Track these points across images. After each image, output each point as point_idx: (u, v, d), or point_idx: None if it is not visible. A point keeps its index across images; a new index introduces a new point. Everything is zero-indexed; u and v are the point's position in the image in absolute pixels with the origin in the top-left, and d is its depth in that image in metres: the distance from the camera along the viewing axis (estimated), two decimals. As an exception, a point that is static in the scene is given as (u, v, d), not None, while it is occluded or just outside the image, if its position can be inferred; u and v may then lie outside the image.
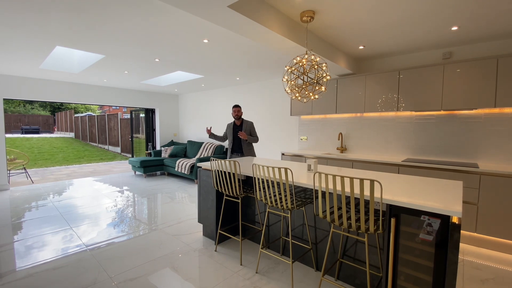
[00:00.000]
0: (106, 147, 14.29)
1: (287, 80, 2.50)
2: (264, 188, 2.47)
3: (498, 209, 2.69)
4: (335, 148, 4.47)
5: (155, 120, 7.80)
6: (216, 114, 6.85)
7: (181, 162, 5.98)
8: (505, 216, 2.65)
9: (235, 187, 2.41)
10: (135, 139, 8.39)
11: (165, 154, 6.98)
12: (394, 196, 1.64)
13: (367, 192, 1.67)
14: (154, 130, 7.83)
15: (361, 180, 1.56)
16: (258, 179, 2.18)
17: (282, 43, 2.62)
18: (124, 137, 11.91)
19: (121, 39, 3.11)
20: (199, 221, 3.05)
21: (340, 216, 1.82)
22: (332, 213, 1.94)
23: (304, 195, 2.38)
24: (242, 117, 4.33)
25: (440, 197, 1.63)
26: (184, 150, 7.09)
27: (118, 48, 3.46)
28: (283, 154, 4.45)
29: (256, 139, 3.74)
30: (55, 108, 25.93)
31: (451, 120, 3.40)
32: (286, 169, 1.93)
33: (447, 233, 1.44)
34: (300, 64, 2.41)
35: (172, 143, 7.56)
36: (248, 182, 2.85)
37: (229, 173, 2.51)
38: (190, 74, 5.08)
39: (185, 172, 5.79)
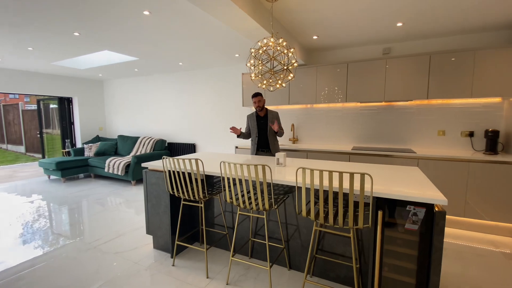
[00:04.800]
0: (3, 146, 11.32)
1: (252, 65, 2.22)
2: (230, 187, 2.18)
3: (432, 188, 3.07)
4: (288, 139, 4.45)
5: (73, 112, 6.43)
6: (153, 104, 6.05)
7: (113, 162, 5.06)
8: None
9: (197, 189, 2.04)
10: (46, 135, 6.75)
11: (89, 153, 5.83)
12: (380, 188, 1.59)
13: (356, 187, 1.57)
14: (72, 123, 6.44)
15: (351, 174, 1.44)
16: (228, 178, 1.88)
17: (243, 22, 2.31)
18: (30, 133, 9.56)
19: (21, -1, 2.26)
20: (148, 232, 2.55)
21: (318, 212, 1.69)
22: (310, 210, 1.81)
23: (277, 192, 2.19)
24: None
25: (414, 185, 1.66)
26: (114, 146, 6.07)
27: (12, 12, 2.54)
28: (236, 147, 4.19)
29: (283, 133, 3.12)
30: None
31: (390, 111, 3.73)
32: (263, 166, 1.69)
33: (432, 221, 1.46)
34: (265, 48, 2.17)
35: (97, 139, 6.38)
36: (207, 182, 2.50)
37: (189, 173, 2.12)
38: (121, 55, 4.25)
39: (119, 173, 4.93)
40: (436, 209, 1.47)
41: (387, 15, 2.72)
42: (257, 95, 3.02)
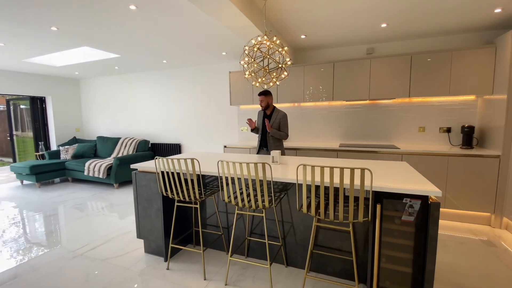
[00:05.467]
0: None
1: (246, 63, 2.20)
2: (227, 186, 2.14)
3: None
4: (276, 137, 4.48)
5: (47, 112, 6.03)
6: (135, 103, 5.82)
7: (93, 164, 4.82)
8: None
9: (193, 190, 2.00)
10: (17, 138, 6.28)
11: (66, 155, 5.50)
12: (378, 183, 1.64)
13: (356, 181, 1.61)
14: (46, 125, 6.05)
15: (352, 170, 1.48)
16: (226, 178, 1.85)
17: (236, 19, 2.29)
18: (-4, 135, 8.82)
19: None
20: (139, 236, 2.45)
21: (318, 208, 1.72)
22: (310, 205, 1.83)
23: (273, 189, 2.19)
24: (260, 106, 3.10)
25: (407, 179, 1.74)
26: (93, 148, 5.77)
27: (-15, 3, 2.33)
28: (225, 146, 4.14)
29: (283, 135, 2.96)
30: None
31: (373, 109, 3.87)
32: (263, 164, 1.68)
33: (427, 212, 1.54)
34: (258, 46, 2.16)
35: (75, 140, 6.03)
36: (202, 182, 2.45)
37: (184, 174, 2.06)
38: (101, 52, 4.05)
39: (100, 176, 4.70)
40: (431, 200, 1.54)
41: (373, 16, 2.82)
42: (260, 94, 2.96)
